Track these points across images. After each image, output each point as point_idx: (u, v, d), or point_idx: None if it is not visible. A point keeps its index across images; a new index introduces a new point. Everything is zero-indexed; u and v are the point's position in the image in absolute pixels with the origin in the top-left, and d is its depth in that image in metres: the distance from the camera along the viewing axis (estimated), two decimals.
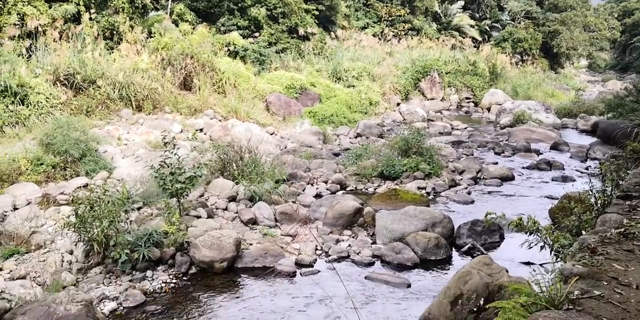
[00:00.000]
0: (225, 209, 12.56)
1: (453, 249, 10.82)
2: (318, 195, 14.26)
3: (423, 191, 14.66)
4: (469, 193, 14.75)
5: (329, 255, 10.41)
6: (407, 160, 15.80)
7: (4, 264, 9.51)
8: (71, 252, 9.78)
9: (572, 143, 20.98)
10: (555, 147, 20.62)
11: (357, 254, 10.47)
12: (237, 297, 8.72)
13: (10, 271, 9.25)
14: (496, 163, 17.99)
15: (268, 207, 12.36)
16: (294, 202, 13.22)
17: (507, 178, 16.03)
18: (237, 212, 12.32)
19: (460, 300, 6.51)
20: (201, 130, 19.36)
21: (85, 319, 7.02)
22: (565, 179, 15.66)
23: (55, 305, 7.13)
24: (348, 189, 15.17)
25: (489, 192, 14.90)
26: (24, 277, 9.00)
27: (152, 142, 16.96)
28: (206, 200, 12.83)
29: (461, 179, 15.98)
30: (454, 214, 12.60)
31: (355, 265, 10.05)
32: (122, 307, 8.26)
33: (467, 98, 33.80)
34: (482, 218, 10.71)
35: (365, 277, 9.33)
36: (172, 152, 11.10)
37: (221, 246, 9.77)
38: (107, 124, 17.72)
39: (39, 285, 8.66)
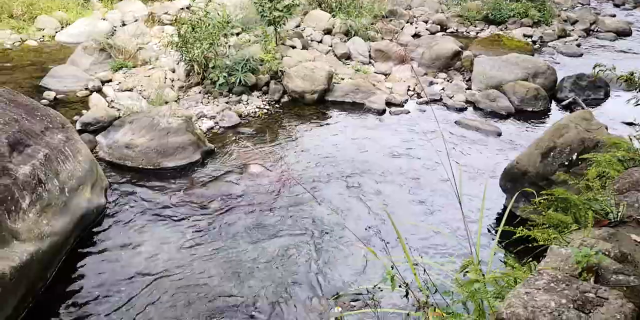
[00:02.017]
0: (320, 42, 12.42)
1: (552, 102, 10.43)
2: (416, 35, 13.76)
3: (529, 39, 13.84)
4: (579, 45, 13.79)
5: (421, 97, 10.32)
6: (515, 5, 14.71)
7: (114, 75, 10.11)
8: (173, 71, 10.16)
9: None
10: None
11: (450, 98, 10.31)
12: (325, 128, 8.95)
13: (119, 83, 9.84)
14: (614, 15, 16.48)
15: (363, 43, 12.10)
16: (390, 40, 12.85)
17: (624, 33, 14.75)
18: (331, 46, 12.17)
19: (552, 153, 6.39)
20: None
21: (184, 132, 7.46)
22: None
23: (159, 118, 7.59)
24: (449, 30, 14.52)
25: (601, 46, 13.87)
26: (131, 90, 9.56)
27: None
28: (302, 31, 12.68)
29: (572, 30, 14.87)
30: (559, 66, 11.95)
31: (447, 109, 9.96)
32: (218, 126, 8.70)
33: None
34: (588, 72, 10.14)
35: (456, 122, 9.27)
36: None
37: (314, 78, 9.84)
38: None
39: (144, 98, 9.18)
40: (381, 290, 2.62)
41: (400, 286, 2.75)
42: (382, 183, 7.18)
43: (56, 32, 12.49)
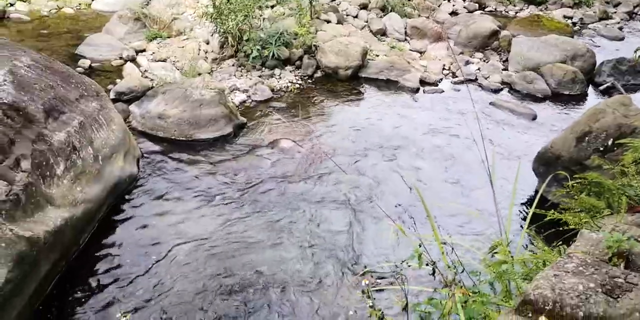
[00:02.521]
0: (356, 17, 12.28)
1: (590, 86, 10.19)
2: (454, 13, 13.51)
3: (569, 21, 13.48)
4: (621, 28, 13.39)
5: (456, 77, 10.18)
6: None
7: (148, 45, 10.17)
8: (207, 42, 10.17)
9: None
10: None
11: (486, 78, 10.14)
12: (358, 104, 8.90)
13: (153, 53, 9.89)
14: None
15: (400, 19, 11.93)
16: (427, 17, 12.64)
17: None
18: (367, 21, 12.03)
19: (587, 138, 6.27)
20: None
21: (217, 105, 7.49)
22: None
23: (192, 89, 7.63)
24: (487, 9, 14.22)
25: None
26: (164, 60, 9.61)
27: None
28: (337, 5, 12.54)
29: (614, 12, 14.43)
30: (599, 49, 11.64)
31: (482, 89, 9.81)
32: (250, 100, 8.72)
33: None
34: (629, 57, 9.86)
35: (490, 103, 9.13)
36: None
37: (348, 53, 9.76)
38: None
39: (178, 69, 9.23)
40: (409, 266, 2.61)
41: (427, 264, 2.74)
42: (414, 160, 7.16)
43: (92, 0, 12.58)
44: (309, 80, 9.70)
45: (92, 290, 4.68)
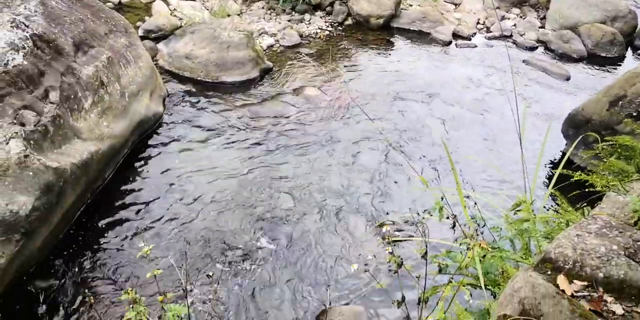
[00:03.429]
0: None
1: (629, 49, 9.87)
2: None
3: None
4: None
5: (490, 32, 9.91)
6: None
7: None
8: None
9: None
10: None
11: (521, 35, 9.86)
12: (388, 55, 8.75)
13: None
14: None
15: None
16: None
17: None
18: None
19: (621, 102, 6.12)
20: None
21: (245, 48, 7.41)
22: None
23: (221, 30, 7.54)
24: None
25: None
26: None
27: None
28: None
29: None
30: None
31: (516, 46, 9.56)
32: (278, 45, 8.61)
33: None
34: None
35: (524, 61, 8.91)
36: None
37: (380, 2, 9.52)
38: None
39: (207, 9, 9.09)
40: (430, 215, 2.61)
41: (447, 217, 2.74)
42: (443, 112, 7.10)
43: None
44: (339, 28, 9.52)
45: (116, 222, 4.79)
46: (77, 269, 4.23)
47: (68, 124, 4.65)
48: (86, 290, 3.89)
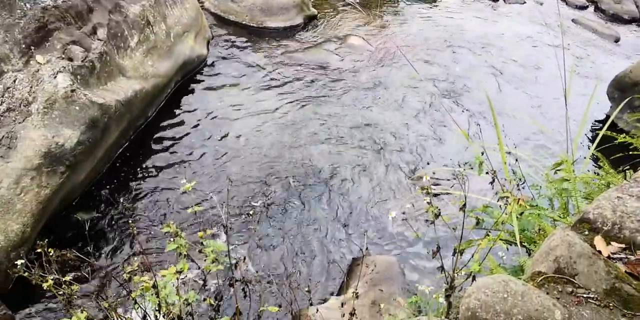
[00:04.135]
0: None
1: None
2: None
3: None
4: None
5: None
6: None
7: None
8: None
9: None
10: None
11: None
12: (435, 9, 8.53)
13: None
14: None
15: None
16: None
17: None
18: None
19: None
20: None
21: None
22: None
23: None
24: None
25: None
26: None
27: None
28: None
29: None
30: None
31: (566, 5, 9.23)
32: None
33: None
34: None
35: (573, 20, 8.61)
36: None
37: None
38: None
39: None
40: (469, 168, 2.60)
41: (487, 173, 2.73)
42: (490, 68, 6.98)
43: None
44: None
45: (157, 159, 4.92)
46: (118, 203, 4.37)
47: (114, 61, 4.71)
48: (129, 221, 4.03)
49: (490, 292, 1.95)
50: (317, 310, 2.92)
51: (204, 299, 2.17)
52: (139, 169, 4.77)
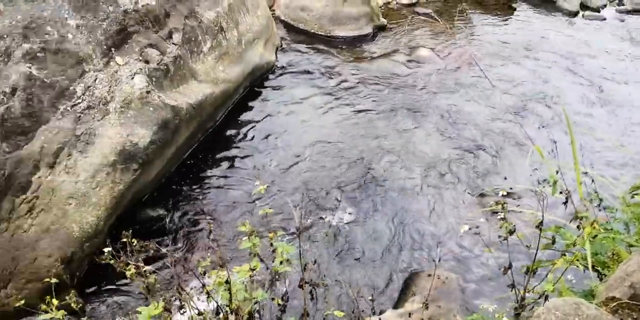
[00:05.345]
0: None
1: None
2: None
3: None
4: None
5: (623, 4, 9.22)
6: None
7: None
8: None
9: None
10: None
11: None
12: (509, 21, 8.36)
13: None
14: None
15: None
16: None
17: None
18: None
19: None
20: None
21: (361, 3, 7.30)
22: None
23: None
24: None
25: None
26: None
27: None
28: None
29: None
30: None
31: None
32: (395, 2, 8.47)
33: None
34: None
35: None
36: None
37: None
38: None
39: None
40: (545, 188, 2.51)
41: (561, 192, 2.64)
42: (570, 83, 6.76)
43: None
44: None
45: (223, 161, 5.03)
46: (186, 201, 4.49)
47: (187, 65, 4.83)
48: (205, 218, 4.12)
49: (561, 314, 1.88)
50: None
51: (272, 299, 2.19)
52: (206, 170, 4.88)
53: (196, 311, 2.12)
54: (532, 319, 1.89)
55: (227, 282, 2.06)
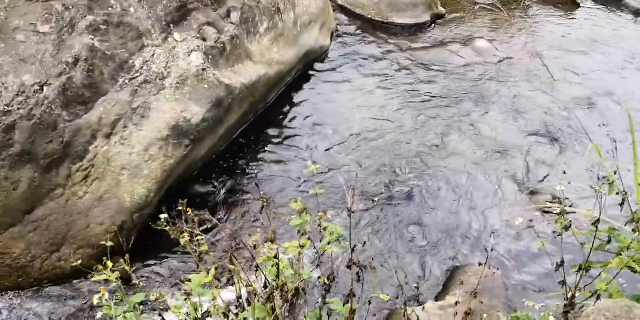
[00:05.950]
0: None
1: None
2: None
3: None
4: None
5: None
6: None
7: None
8: None
9: None
10: None
11: None
12: (572, 16, 8.07)
13: None
14: None
15: None
16: None
17: None
18: None
19: None
20: None
21: None
22: None
23: None
24: None
25: None
26: None
27: None
28: None
29: None
30: None
31: None
32: None
33: None
34: None
35: None
36: None
37: None
38: None
39: None
40: (601, 188, 2.44)
41: (617, 193, 2.57)
42: (635, 81, 6.50)
43: None
44: None
45: (274, 142, 5.08)
46: (235, 180, 4.57)
47: (243, 45, 4.86)
48: (260, 193, 4.19)
49: (611, 315, 1.85)
50: (414, 311, 2.87)
51: (319, 277, 2.23)
52: (258, 149, 4.95)
53: (244, 283, 2.16)
54: (581, 319, 1.86)
55: (275, 257, 2.09)
